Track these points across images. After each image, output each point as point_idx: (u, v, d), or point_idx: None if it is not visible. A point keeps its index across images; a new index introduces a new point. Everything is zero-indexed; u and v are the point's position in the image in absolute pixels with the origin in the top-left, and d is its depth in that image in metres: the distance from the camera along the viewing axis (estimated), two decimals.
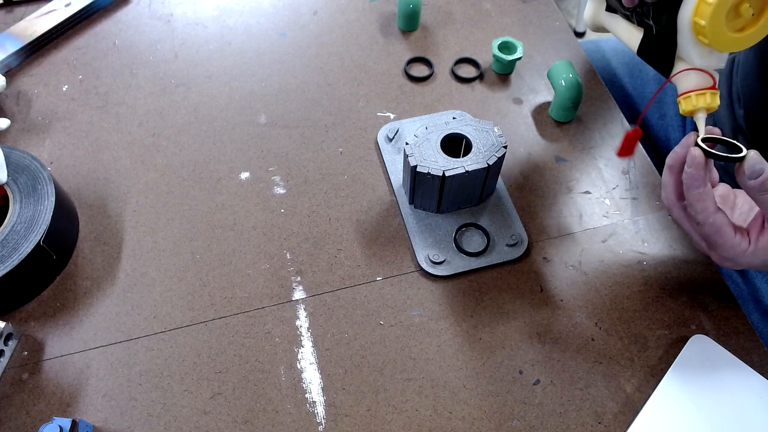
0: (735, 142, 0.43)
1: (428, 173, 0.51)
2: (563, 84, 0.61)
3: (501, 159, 0.53)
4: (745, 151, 0.42)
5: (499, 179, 0.59)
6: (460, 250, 0.54)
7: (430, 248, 0.55)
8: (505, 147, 0.53)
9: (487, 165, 0.52)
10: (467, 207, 0.57)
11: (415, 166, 0.51)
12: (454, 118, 0.57)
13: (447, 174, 0.51)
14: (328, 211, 0.58)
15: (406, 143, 0.53)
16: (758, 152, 0.41)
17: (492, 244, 0.55)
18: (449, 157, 0.52)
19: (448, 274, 0.53)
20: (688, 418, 0.45)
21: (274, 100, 0.66)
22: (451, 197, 0.55)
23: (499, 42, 0.67)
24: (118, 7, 0.75)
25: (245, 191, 0.59)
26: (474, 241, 0.56)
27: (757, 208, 0.47)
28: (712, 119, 0.68)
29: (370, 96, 0.67)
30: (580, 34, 1.87)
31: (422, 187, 0.54)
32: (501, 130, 0.54)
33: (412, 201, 0.57)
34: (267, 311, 0.52)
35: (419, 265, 0.54)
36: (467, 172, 0.51)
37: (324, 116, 0.65)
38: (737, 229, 0.44)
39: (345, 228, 0.57)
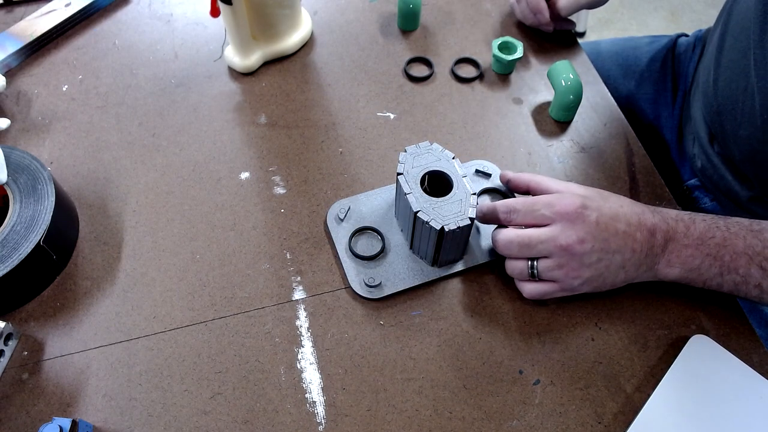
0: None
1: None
2: (563, 84, 0.61)
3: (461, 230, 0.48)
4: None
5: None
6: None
7: None
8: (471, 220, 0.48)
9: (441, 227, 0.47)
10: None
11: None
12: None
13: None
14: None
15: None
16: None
17: None
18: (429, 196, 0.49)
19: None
20: (688, 418, 0.45)
21: (274, 100, 0.66)
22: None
23: (499, 42, 0.67)
24: (118, 7, 0.75)
25: (245, 191, 0.59)
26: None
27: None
28: (692, 126, 0.68)
29: (370, 96, 0.67)
30: (580, 34, 1.87)
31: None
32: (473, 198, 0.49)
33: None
34: (267, 311, 0.52)
35: None
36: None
37: (324, 116, 0.65)
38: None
39: None
